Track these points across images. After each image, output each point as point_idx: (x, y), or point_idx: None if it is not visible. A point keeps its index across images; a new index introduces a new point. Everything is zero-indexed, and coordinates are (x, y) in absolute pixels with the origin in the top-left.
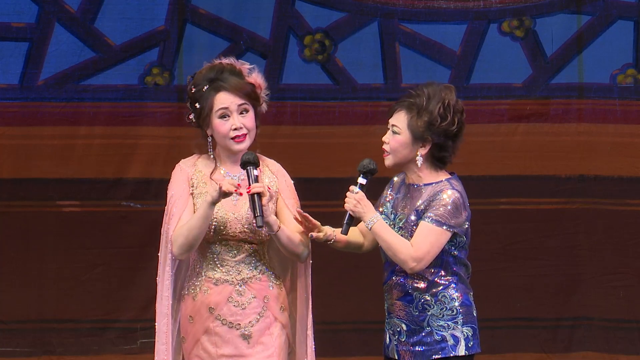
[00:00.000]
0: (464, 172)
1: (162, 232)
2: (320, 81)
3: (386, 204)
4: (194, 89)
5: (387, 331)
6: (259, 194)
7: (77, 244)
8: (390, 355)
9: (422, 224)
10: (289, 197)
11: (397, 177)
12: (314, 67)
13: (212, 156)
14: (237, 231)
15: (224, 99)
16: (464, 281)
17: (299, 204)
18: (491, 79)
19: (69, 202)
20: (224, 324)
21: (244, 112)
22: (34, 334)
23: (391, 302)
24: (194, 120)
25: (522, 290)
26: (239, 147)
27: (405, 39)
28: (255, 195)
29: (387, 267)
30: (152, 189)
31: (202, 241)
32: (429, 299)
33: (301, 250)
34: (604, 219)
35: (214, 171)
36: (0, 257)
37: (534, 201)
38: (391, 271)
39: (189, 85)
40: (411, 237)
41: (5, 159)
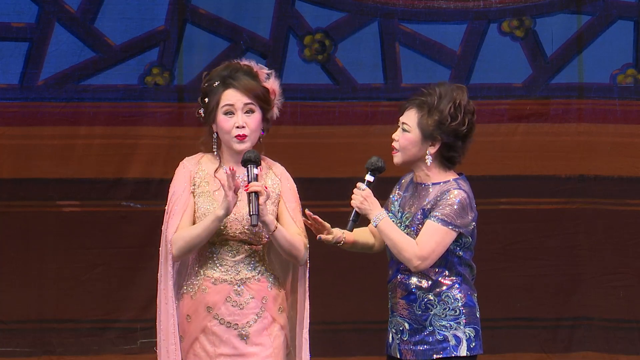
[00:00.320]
0: (464, 172)
1: (162, 230)
2: (320, 81)
3: (394, 203)
4: (206, 84)
5: (390, 330)
6: (257, 193)
7: (77, 244)
8: (392, 354)
9: (428, 223)
10: (291, 200)
11: (406, 177)
12: (314, 67)
13: (217, 153)
14: (237, 232)
15: (231, 96)
16: (468, 282)
17: (300, 207)
18: (491, 79)
19: (69, 202)
20: (221, 323)
21: (250, 112)
22: (34, 334)
23: (395, 300)
24: (203, 115)
25: (522, 290)
26: (239, 146)
27: (405, 39)
28: (252, 193)
29: (392, 265)
30: (152, 189)
31: None
32: (432, 298)
33: (300, 253)
34: (604, 219)
35: (218, 169)
36: (0, 257)
37: (534, 201)
38: (396, 269)
39: (203, 80)
40: (417, 236)
41: (5, 159)
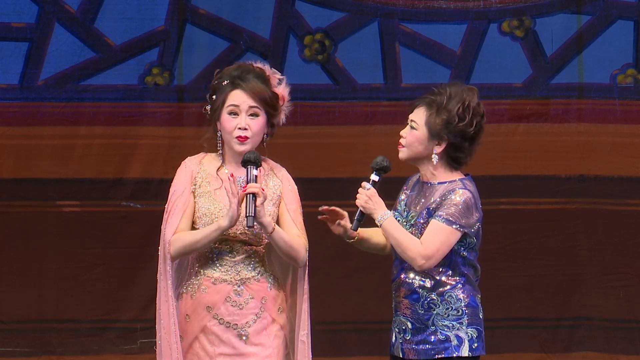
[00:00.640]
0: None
1: (162, 229)
2: (320, 81)
3: (400, 202)
4: (216, 82)
5: (394, 329)
6: (254, 194)
7: (77, 244)
8: (395, 353)
9: (433, 222)
10: (292, 202)
11: (413, 176)
12: (314, 67)
13: (220, 152)
14: (238, 232)
15: (237, 97)
16: (471, 283)
17: (301, 209)
18: (491, 78)
19: (69, 202)
20: (221, 323)
21: (254, 116)
22: (34, 334)
23: (398, 300)
24: (209, 112)
25: (522, 290)
26: (239, 147)
27: (405, 39)
28: (249, 195)
29: (396, 264)
30: (152, 189)
31: None
32: (435, 298)
33: (299, 255)
34: (604, 219)
35: (220, 168)
36: (0, 257)
37: (534, 201)
38: (400, 269)
39: (214, 77)
40: (421, 235)
41: (5, 159)
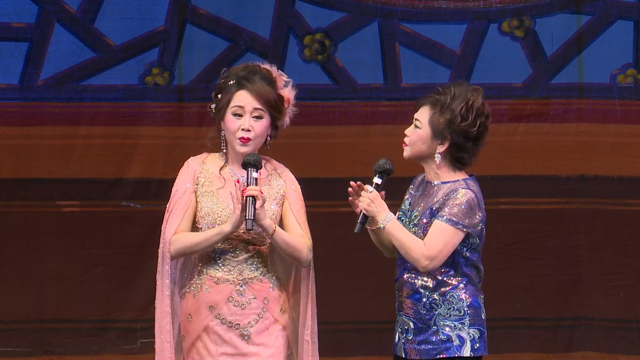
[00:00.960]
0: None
1: (162, 228)
2: (320, 81)
3: (404, 201)
4: (222, 81)
5: (396, 329)
6: (254, 197)
7: (77, 244)
8: (397, 353)
9: (436, 222)
10: (295, 201)
11: (419, 176)
12: (314, 67)
13: (225, 151)
14: (241, 231)
15: (242, 98)
16: (474, 283)
17: (305, 209)
18: (491, 78)
19: (69, 202)
20: (223, 323)
21: (258, 118)
22: (34, 334)
23: (401, 299)
24: (213, 110)
25: (522, 290)
26: (241, 148)
27: (405, 39)
28: (249, 197)
29: (399, 264)
30: (152, 189)
31: None
32: (437, 298)
33: (301, 254)
34: (604, 219)
35: (223, 167)
36: (0, 257)
37: (534, 201)
38: (404, 268)
39: (221, 76)
40: (424, 234)
41: (5, 159)
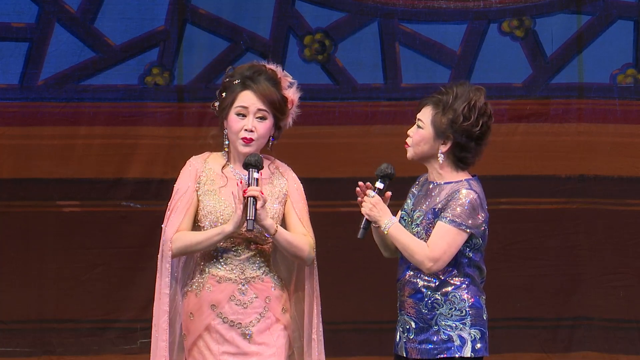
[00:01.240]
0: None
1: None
2: (320, 81)
3: (407, 201)
4: (227, 80)
5: (398, 328)
6: (254, 198)
7: (77, 244)
8: (399, 352)
9: (439, 224)
10: (298, 200)
11: (422, 176)
12: (314, 67)
13: (227, 150)
14: (243, 230)
15: (246, 98)
16: (476, 284)
17: (307, 208)
18: (491, 78)
19: (69, 202)
20: (225, 322)
21: (261, 119)
22: (34, 334)
23: (403, 299)
24: (217, 109)
25: (522, 290)
26: (244, 148)
27: (405, 39)
28: (250, 198)
29: (401, 263)
30: (152, 189)
31: None
32: (439, 297)
33: (304, 253)
34: (604, 219)
35: (225, 166)
36: (0, 257)
37: (534, 201)
38: (406, 267)
39: (226, 74)
40: (427, 235)
41: (5, 159)
